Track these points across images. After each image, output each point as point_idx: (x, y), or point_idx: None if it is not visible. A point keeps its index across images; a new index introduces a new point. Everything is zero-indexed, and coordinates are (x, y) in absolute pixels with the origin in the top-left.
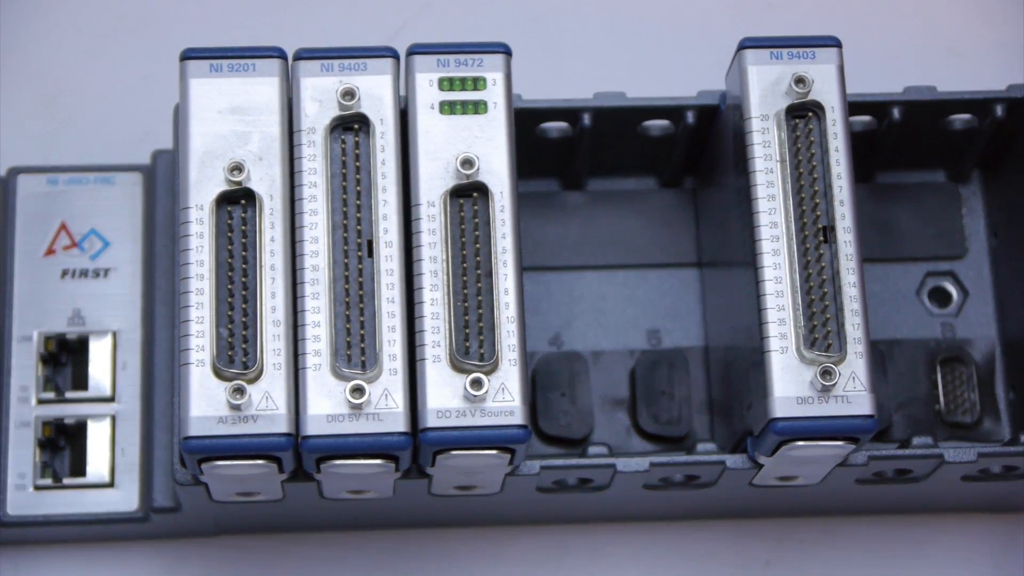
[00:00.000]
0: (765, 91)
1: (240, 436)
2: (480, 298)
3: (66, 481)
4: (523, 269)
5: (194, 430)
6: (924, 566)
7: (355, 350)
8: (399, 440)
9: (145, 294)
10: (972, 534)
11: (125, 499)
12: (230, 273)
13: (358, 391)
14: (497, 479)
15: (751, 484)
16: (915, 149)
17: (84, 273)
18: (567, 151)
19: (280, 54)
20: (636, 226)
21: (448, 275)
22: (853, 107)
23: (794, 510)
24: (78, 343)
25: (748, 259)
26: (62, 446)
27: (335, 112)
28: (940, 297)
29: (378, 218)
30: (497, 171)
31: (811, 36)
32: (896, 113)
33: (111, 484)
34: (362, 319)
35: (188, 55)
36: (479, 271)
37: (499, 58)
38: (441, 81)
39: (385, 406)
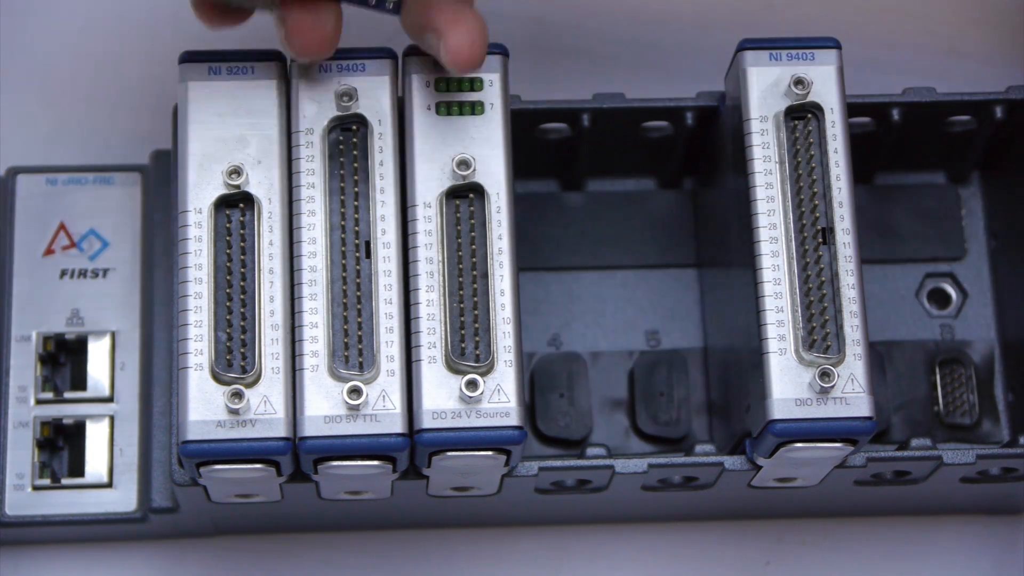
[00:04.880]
0: (764, 92)
1: (238, 440)
2: (476, 299)
3: (64, 481)
4: (522, 270)
5: (192, 434)
6: (923, 567)
7: (352, 351)
8: (396, 441)
9: (144, 294)
10: (971, 536)
11: (123, 499)
12: (228, 277)
13: (355, 392)
14: (494, 480)
15: (750, 485)
16: (914, 150)
17: (83, 273)
18: (567, 152)
19: (279, 57)
20: (635, 227)
21: (444, 276)
22: (852, 108)
23: (793, 511)
24: (77, 343)
25: (747, 260)
26: (61, 446)
27: (333, 113)
28: (939, 298)
29: (376, 219)
30: (494, 172)
31: (810, 37)
32: (896, 114)
33: (109, 484)
34: (360, 320)
35: (187, 58)
36: (475, 272)
37: (496, 59)
38: (438, 82)
39: (383, 407)
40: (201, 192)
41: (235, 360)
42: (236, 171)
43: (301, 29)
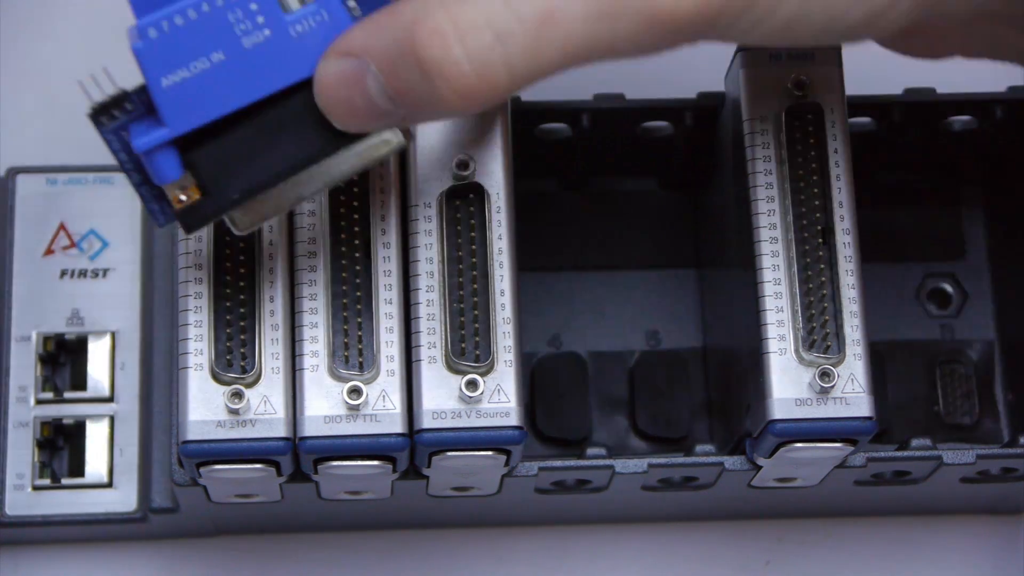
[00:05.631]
0: (764, 93)
1: (238, 440)
2: (476, 299)
3: (64, 481)
4: (522, 270)
5: (192, 434)
6: (923, 567)
7: (353, 351)
8: (396, 441)
9: (144, 294)
10: (971, 535)
11: (123, 499)
12: (228, 277)
13: (355, 392)
14: (494, 480)
15: (750, 485)
16: (914, 151)
17: (83, 273)
18: (567, 152)
19: None
20: (635, 227)
21: (444, 276)
22: (852, 109)
23: (793, 511)
24: (77, 343)
25: (747, 261)
26: (61, 446)
27: None
28: (939, 298)
29: (376, 219)
30: (493, 172)
31: None
32: (896, 114)
33: (109, 484)
34: (360, 320)
35: None
36: (475, 272)
37: None
38: None
39: (383, 407)
40: None
41: (235, 360)
42: None
43: None
